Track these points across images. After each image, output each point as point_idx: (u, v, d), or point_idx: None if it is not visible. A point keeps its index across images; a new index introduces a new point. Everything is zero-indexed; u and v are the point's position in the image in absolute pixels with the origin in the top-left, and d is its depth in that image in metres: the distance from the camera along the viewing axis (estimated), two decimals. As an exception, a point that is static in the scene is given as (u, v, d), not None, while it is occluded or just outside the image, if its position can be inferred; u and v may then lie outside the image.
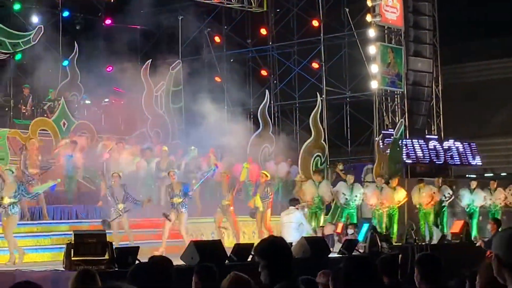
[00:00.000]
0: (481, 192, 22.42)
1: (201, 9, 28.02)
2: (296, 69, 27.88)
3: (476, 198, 22.32)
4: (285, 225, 17.68)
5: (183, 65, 26.47)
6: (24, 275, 11.78)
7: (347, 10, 25.64)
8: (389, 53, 24.60)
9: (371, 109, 24.84)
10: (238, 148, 22.91)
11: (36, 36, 25.43)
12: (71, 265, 11.71)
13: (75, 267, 11.15)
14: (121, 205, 16.59)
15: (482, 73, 31.70)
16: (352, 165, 24.80)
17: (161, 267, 5.92)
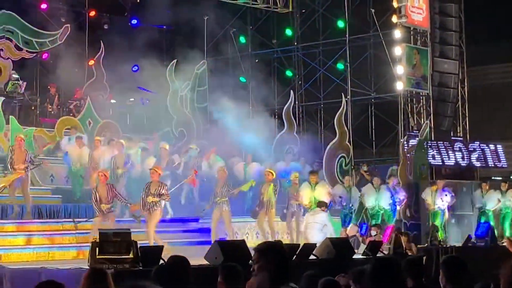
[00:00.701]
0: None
1: (226, 9, 28.03)
2: (321, 70, 27.86)
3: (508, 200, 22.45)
4: (309, 225, 17.65)
5: (208, 64, 26.54)
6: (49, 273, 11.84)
7: (373, 11, 25.56)
8: (414, 54, 24.49)
9: (396, 110, 24.73)
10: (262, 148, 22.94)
11: (63, 35, 25.62)
12: (96, 263, 11.74)
13: (100, 265, 11.19)
14: (104, 206, 16.17)
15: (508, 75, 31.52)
16: (377, 166, 24.71)
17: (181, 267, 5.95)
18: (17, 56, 25.12)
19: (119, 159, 19.16)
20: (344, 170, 22.69)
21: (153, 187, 16.51)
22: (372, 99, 26.58)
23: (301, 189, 19.30)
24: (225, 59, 28.92)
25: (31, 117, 23.06)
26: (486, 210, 22.60)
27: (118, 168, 18.97)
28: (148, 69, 24.30)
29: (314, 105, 28.20)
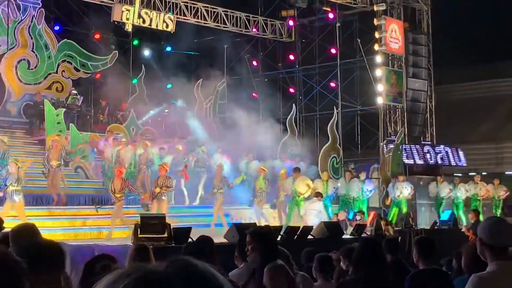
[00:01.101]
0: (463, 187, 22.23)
1: (242, 39, 28.07)
2: (317, 88, 27.81)
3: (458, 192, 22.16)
4: (308, 211, 17.63)
5: (227, 83, 26.54)
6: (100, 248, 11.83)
7: (359, 41, 25.54)
8: (392, 75, 24.44)
9: (377, 120, 24.71)
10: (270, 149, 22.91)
11: (112, 59, 25.69)
12: (138, 241, 11.73)
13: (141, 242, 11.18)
14: (118, 194, 15.81)
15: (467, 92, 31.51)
16: (361, 165, 24.62)
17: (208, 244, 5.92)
18: (75, 76, 25.20)
19: (143, 156, 18.96)
20: (335, 168, 22.66)
21: (161, 180, 16.22)
22: (358, 111, 26.51)
23: (286, 182, 19.10)
24: (240, 79, 28.90)
25: (87, 124, 23.08)
26: (441, 198, 22.15)
27: (141, 163, 18.81)
28: (179, 86, 24.31)
29: (311, 116, 28.15)
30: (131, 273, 1.61)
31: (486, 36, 28.62)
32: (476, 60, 29.74)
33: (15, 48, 23.65)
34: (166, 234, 11.94)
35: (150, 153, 19.18)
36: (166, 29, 23.97)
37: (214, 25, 25.62)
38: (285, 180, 19.18)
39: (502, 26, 29.36)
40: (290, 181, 18.95)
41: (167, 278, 1.60)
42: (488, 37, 28.48)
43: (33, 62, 24.15)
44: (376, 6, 24.33)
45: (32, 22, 23.99)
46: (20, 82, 23.82)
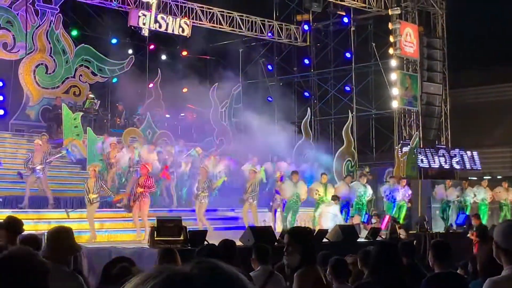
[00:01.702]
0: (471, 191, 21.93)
1: (257, 43, 28.12)
2: (332, 91, 27.78)
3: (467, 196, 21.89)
4: (324, 214, 17.52)
5: (243, 87, 26.58)
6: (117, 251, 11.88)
7: (374, 45, 25.47)
8: (407, 79, 24.35)
9: (392, 123, 24.63)
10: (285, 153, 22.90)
11: (129, 64, 25.83)
12: (154, 243, 11.77)
13: (157, 245, 11.22)
14: (92, 195, 15.18)
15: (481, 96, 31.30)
16: (376, 168, 24.54)
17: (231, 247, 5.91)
18: (92, 80, 25.36)
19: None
20: (350, 171, 22.60)
21: (141, 180, 15.40)
22: (372, 115, 26.45)
23: (285, 186, 18.53)
24: (256, 83, 28.98)
25: (104, 128, 23.18)
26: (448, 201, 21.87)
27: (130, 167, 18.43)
28: (195, 90, 24.39)
29: (326, 119, 28.12)
30: (158, 275, 1.65)
31: (501, 40, 28.43)
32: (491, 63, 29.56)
33: (33, 53, 23.84)
34: (182, 237, 11.95)
35: (136, 156, 18.80)
36: (182, 33, 24.06)
37: (229, 29, 25.68)
38: (282, 183, 18.76)
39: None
40: (290, 184, 18.45)
41: (193, 280, 1.63)
42: (503, 41, 28.28)
43: (51, 66, 24.33)
44: (390, 10, 24.27)
45: (50, 27, 24.18)
46: (38, 86, 24.01)
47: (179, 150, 20.79)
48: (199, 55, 27.97)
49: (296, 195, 18.27)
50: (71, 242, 4.77)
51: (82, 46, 24.99)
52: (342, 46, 26.95)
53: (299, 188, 18.40)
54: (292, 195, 18.22)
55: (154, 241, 11.77)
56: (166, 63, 26.93)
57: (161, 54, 27.74)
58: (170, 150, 20.43)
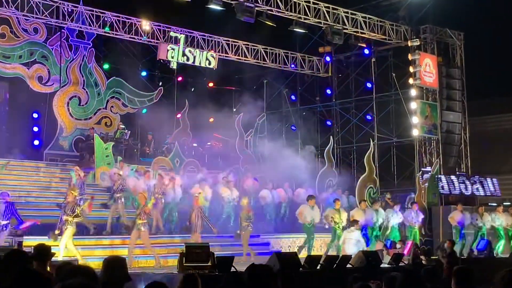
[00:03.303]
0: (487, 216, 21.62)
1: (281, 74, 28.27)
2: (354, 120, 27.76)
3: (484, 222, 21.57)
4: (346, 240, 17.41)
5: (267, 117, 26.70)
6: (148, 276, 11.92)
7: (394, 75, 25.49)
8: (427, 108, 24.29)
9: (413, 151, 24.53)
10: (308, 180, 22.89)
11: (158, 95, 26.15)
12: (183, 269, 11.81)
13: (186, 271, 11.24)
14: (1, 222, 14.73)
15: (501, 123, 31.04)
16: (398, 195, 24.39)
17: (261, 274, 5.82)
18: (123, 111, 25.68)
19: (157, 187, 18.38)
20: (372, 198, 22.49)
21: (68, 208, 14.60)
22: (393, 142, 26.35)
23: (303, 209, 18.24)
24: (280, 112, 29.08)
25: (134, 157, 23.38)
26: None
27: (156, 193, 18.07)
28: (221, 120, 24.53)
29: (348, 147, 28.07)
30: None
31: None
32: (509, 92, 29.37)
33: (67, 85, 24.26)
34: (210, 263, 11.98)
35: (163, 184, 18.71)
36: (209, 66, 24.30)
37: (254, 61, 25.89)
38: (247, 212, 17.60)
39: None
40: (307, 209, 18.19)
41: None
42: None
43: (84, 98, 24.71)
44: (410, 42, 24.32)
45: (83, 61, 24.60)
46: (71, 117, 24.37)
47: (202, 178, 20.89)
48: (225, 86, 28.18)
49: (312, 220, 18.16)
50: (126, 270, 4.88)
51: (113, 78, 25.37)
52: (363, 76, 26.99)
53: (315, 213, 18.33)
54: (310, 220, 18.11)
55: (183, 267, 11.81)
56: (193, 94, 27.15)
57: (188, 85, 27.99)
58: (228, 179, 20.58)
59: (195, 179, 20.50)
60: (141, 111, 25.97)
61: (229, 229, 19.05)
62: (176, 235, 18.03)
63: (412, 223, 20.22)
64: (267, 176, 22.58)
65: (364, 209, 19.10)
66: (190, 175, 21.22)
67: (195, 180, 20.40)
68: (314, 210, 18.39)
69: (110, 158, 20.79)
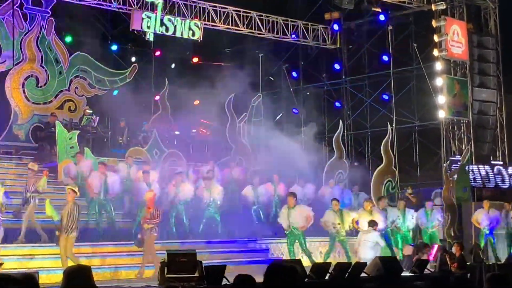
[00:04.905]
0: None
1: (279, 47, 28.24)
2: (368, 101, 27.80)
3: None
4: (362, 243, 17.44)
5: (264, 98, 26.68)
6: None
7: (415, 45, 25.49)
8: (455, 84, 24.32)
9: (439, 137, 24.55)
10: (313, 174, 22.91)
11: (131, 73, 26.09)
12: (164, 281, 11.85)
13: (169, 283, 11.28)
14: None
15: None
16: (421, 190, 24.45)
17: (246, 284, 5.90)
18: (90, 93, 25.64)
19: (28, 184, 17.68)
20: (390, 193, 22.56)
21: None
22: (416, 127, 26.41)
23: (281, 212, 18.25)
24: (278, 93, 29.08)
25: (104, 148, 23.35)
26: None
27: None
28: (208, 103, 24.51)
29: (361, 133, 28.12)
30: None
31: None
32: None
33: (22, 63, 24.16)
34: (197, 273, 12.03)
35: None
36: (193, 37, 24.24)
37: (247, 31, 25.84)
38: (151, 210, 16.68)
39: None
40: (285, 212, 17.96)
41: None
42: None
43: (42, 78, 24.64)
44: (434, 5, 24.30)
45: (41, 33, 24.52)
46: (28, 101, 24.31)
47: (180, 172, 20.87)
48: (212, 61, 28.15)
49: (292, 227, 17.87)
50: (90, 282, 4.90)
51: (77, 54, 25.30)
52: (378, 48, 27.00)
53: (293, 217, 17.83)
54: (287, 226, 17.86)
55: (165, 278, 11.85)
56: (174, 71, 27.12)
57: (168, 61, 27.93)
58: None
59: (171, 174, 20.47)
60: (111, 93, 25.92)
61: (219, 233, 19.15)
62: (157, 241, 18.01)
63: (423, 225, 20.25)
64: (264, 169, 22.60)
65: (370, 210, 19.08)
66: (172, 169, 21.23)
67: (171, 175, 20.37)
68: (292, 214, 17.92)
69: (75, 149, 20.77)
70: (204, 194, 19.83)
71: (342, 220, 18.39)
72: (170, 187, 19.40)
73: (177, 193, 19.23)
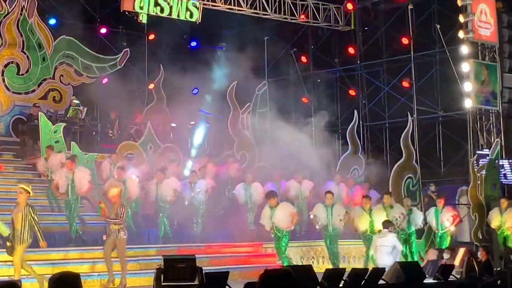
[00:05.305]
0: None
1: (287, 29, 28.19)
2: (386, 88, 27.76)
3: None
4: (378, 249, 17.45)
5: (269, 86, 26.65)
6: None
7: (438, 27, 25.41)
8: (483, 70, 24.27)
9: (465, 128, 24.53)
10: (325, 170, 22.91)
11: (122, 59, 26.07)
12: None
13: (166, 293, 11.30)
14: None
15: None
16: (445, 187, 24.44)
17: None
18: (77, 81, 25.67)
19: None
20: (412, 191, 22.55)
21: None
22: (439, 118, 26.37)
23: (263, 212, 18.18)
24: (286, 80, 29.05)
25: (92, 142, 23.39)
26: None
27: None
28: (208, 91, 24.51)
29: (379, 125, 28.08)
30: None
31: None
32: None
33: (1, 48, 24.21)
34: (197, 281, 12.04)
35: None
36: (190, 19, 24.23)
37: (251, 12, 25.81)
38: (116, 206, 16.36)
39: None
40: (267, 212, 17.91)
41: None
42: None
43: (24, 65, 24.66)
44: (459, -18, 24.29)
45: (22, 15, 24.53)
46: (7, 91, 24.36)
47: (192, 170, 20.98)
48: (212, 46, 28.13)
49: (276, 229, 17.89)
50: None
51: (62, 38, 25.29)
52: (397, 29, 26.94)
53: (276, 216, 17.77)
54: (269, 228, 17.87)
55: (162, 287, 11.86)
56: (170, 57, 27.10)
57: (163, 46, 27.92)
58: None
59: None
60: (101, 81, 25.93)
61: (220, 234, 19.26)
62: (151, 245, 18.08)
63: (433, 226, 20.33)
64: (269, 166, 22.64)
65: (368, 210, 19.15)
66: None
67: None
68: (274, 214, 17.83)
69: (60, 144, 20.81)
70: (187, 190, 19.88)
71: (332, 215, 18.53)
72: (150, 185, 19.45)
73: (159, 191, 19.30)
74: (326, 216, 18.69)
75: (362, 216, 19.05)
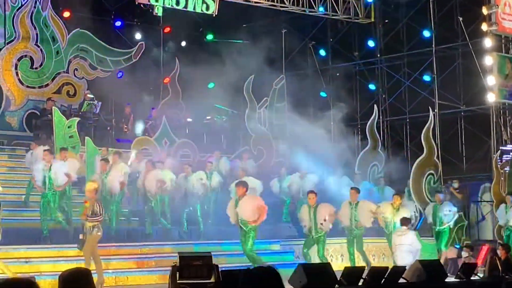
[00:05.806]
0: None
1: (305, 21, 28.16)
2: (406, 82, 27.69)
3: None
4: (397, 247, 17.37)
5: (287, 80, 26.66)
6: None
7: (461, 19, 25.33)
8: (507, 63, 24.18)
9: (488, 123, 24.44)
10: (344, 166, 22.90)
11: (138, 53, 26.13)
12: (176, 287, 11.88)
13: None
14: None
15: None
16: (468, 184, 24.37)
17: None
18: (91, 75, 25.75)
19: None
20: (433, 188, 22.49)
21: None
22: (461, 112, 26.28)
23: (229, 203, 17.33)
24: (304, 74, 29.02)
25: (107, 137, 23.45)
26: None
27: None
28: (225, 85, 24.53)
29: (399, 120, 28.02)
30: None
31: None
32: None
33: (15, 41, 24.30)
34: (213, 279, 12.05)
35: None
36: (207, 11, 24.24)
37: (268, 4, 25.79)
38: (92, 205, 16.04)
39: None
40: (232, 203, 17.04)
41: None
42: None
43: (38, 59, 24.77)
44: (482, -27, 24.21)
45: (36, 8, 24.64)
46: (21, 85, 24.46)
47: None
48: (228, 39, 28.14)
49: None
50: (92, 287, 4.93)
51: (77, 31, 25.40)
52: (419, 22, 26.87)
53: (240, 208, 16.88)
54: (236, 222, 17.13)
55: (177, 285, 11.88)
56: (186, 50, 27.13)
57: (179, 39, 27.95)
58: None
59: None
60: (115, 75, 25.99)
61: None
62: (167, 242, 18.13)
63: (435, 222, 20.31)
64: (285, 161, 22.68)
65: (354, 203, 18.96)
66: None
67: None
68: (240, 206, 16.93)
69: (75, 139, 20.81)
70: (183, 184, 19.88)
71: (315, 217, 17.75)
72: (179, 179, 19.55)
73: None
74: (309, 219, 17.82)
75: (345, 209, 18.58)
